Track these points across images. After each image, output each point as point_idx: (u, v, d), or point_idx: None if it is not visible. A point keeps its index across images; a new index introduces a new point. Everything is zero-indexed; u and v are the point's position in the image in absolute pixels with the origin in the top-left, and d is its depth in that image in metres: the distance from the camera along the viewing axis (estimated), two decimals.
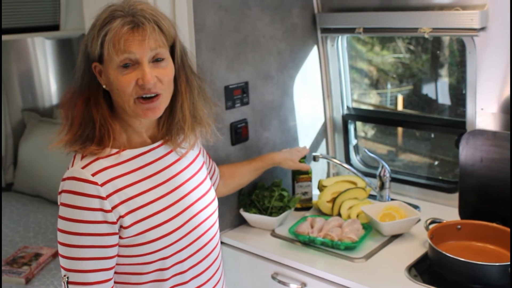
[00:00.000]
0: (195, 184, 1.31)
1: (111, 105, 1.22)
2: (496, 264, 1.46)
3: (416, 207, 2.00)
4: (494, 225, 1.65)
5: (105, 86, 1.19)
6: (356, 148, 2.35)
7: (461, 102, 2.09)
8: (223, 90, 1.85)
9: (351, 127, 2.32)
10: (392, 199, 2.05)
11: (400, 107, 2.71)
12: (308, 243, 1.75)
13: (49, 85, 3.34)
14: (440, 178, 2.17)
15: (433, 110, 2.52)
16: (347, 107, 2.30)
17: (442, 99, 2.45)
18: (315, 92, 2.25)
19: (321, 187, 2.08)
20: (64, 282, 1.15)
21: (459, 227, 1.69)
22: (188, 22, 1.70)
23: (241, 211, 1.90)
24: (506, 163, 1.69)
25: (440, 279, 1.52)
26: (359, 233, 1.73)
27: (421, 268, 1.60)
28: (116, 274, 1.21)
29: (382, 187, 2.05)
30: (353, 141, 2.33)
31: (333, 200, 1.98)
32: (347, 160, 2.34)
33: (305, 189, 2.05)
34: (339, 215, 1.94)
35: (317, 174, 2.26)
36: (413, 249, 1.70)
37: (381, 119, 2.38)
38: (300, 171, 2.02)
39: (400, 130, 2.64)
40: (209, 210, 1.33)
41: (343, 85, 2.27)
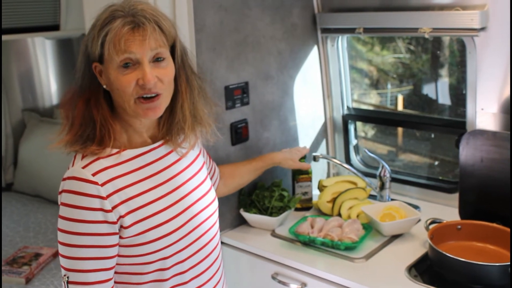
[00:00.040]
0: (195, 184, 1.31)
1: (112, 105, 1.22)
2: (496, 264, 1.46)
3: (416, 207, 2.00)
4: (494, 225, 1.65)
5: (105, 86, 1.19)
6: (356, 148, 2.35)
7: (461, 102, 2.09)
8: (223, 90, 1.85)
9: (351, 127, 2.32)
10: (392, 199, 2.05)
11: (400, 107, 2.71)
12: (308, 243, 1.75)
13: (49, 85, 3.34)
14: (440, 178, 2.17)
15: (433, 110, 2.52)
16: (347, 107, 2.30)
17: (442, 99, 2.45)
18: (315, 92, 2.25)
19: (321, 187, 2.08)
20: (64, 281, 1.15)
21: (459, 227, 1.69)
22: (188, 22, 1.70)
23: (241, 211, 1.90)
24: (506, 163, 1.69)
25: (440, 279, 1.52)
26: (359, 233, 1.73)
27: (421, 268, 1.60)
28: (116, 274, 1.21)
29: (382, 187, 2.05)
30: (353, 141, 2.33)
31: (333, 200, 1.98)
32: (347, 160, 2.34)
33: (305, 189, 2.05)
34: (339, 215, 1.94)
35: (317, 174, 2.26)
36: (413, 249, 1.70)
37: (381, 119, 2.38)
38: (301, 171, 2.02)
39: (400, 130, 2.64)
40: (210, 210, 1.33)
41: (343, 85, 2.27)
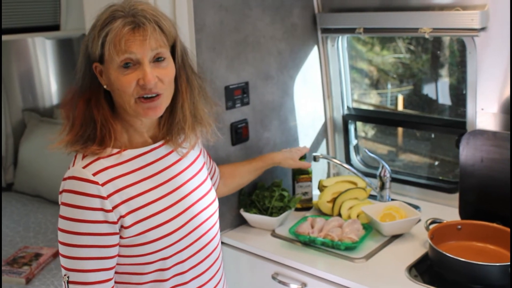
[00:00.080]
0: (196, 185, 1.31)
1: (112, 105, 1.22)
2: (496, 264, 1.46)
3: (416, 207, 2.00)
4: (494, 225, 1.65)
5: (106, 86, 1.19)
6: (357, 148, 2.35)
7: (462, 102, 2.09)
8: (223, 90, 1.85)
9: (352, 127, 2.32)
10: (392, 199, 2.05)
11: (400, 107, 2.71)
12: (308, 243, 1.75)
13: (50, 85, 3.34)
14: (441, 178, 2.17)
15: (433, 110, 2.52)
16: (348, 107, 2.30)
17: (443, 99, 2.46)
18: (316, 92, 2.25)
19: (321, 187, 2.08)
20: (65, 281, 1.15)
21: (459, 227, 1.69)
22: (188, 21, 1.70)
23: (242, 211, 1.90)
24: (506, 163, 1.69)
25: (440, 279, 1.52)
26: (359, 233, 1.73)
27: (422, 268, 1.60)
28: (116, 274, 1.21)
29: (382, 187, 2.05)
30: (353, 141, 2.33)
31: (334, 200, 1.98)
32: (348, 160, 2.34)
33: (305, 189, 2.05)
34: (339, 215, 1.94)
35: (318, 174, 2.26)
36: (414, 249, 1.70)
37: (381, 119, 2.38)
38: (301, 171, 2.02)
39: (400, 130, 2.64)
40: (210, 211, 1.33)
41: (343, 85, 2.27)
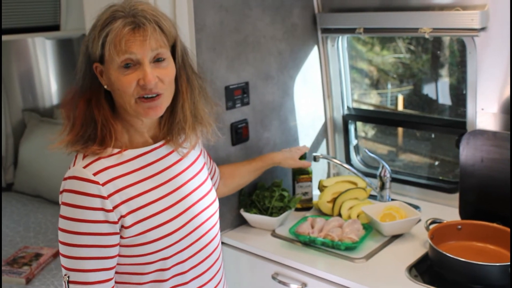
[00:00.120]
0: (196, 185, 1.31)
1: (113, 105, 1.22)
2: (497, 264, 1.46)
3: (416, 207, 2.00)
4: (494, 225, 1.65)
5: (106, 86, 1.19)
6: (357, 148, 2.35)
7: (462, 102, 2.09)
8: (223, 90, 1.85)
9: (352, 127, 2.32)
10: (392, 199, 2.05)
11: (400, 107, 2.71)
12: (308, 243, 1.75)
13: (50, 85, 3.34)
14: (441, 178, 2.17)
15: (433, 110, 2.52)
16: (348, 107, 2.30)
17: (443, 99, 2.46)
18: (316, 92, 2.25)
19: (321, 187, 2.08)
20: (65, 281, 1.15)
21: (459, 227, 1.69)
22: (188, 22, 1.70)
23: (242, 211, 1.90)
24: (507, 163, 1.69)
25: (440, 279, 1.52)
26: (359, 233, 1.73)
27: (422, 268, 1.60)
28: (116, 274, 1.21)
29: (382, 187, 2.05)
30: (353, 141, 2.33)
31: (334, 200, 1.98)
32: (348, 160, 2.34)
33: (305, 189, 2.05)
34: (339, 215, 1.94)
35: (318, 174, 2.26)
36: (414, 249, 1.70)
37: (381, 119, 2.38)
38: (301, 171, 2.02)
39: (400, 130, 2.64)
40: (210, 211, 1.33)
41: (343, 85, 2.27)
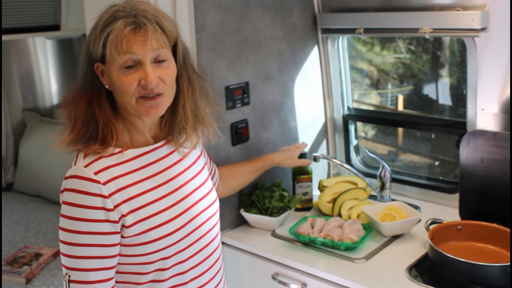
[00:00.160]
0: (197, 185, 1.31)
1: (114, 105, 1.22)
2: (497, 264, 1.46)
3: (416, 207, 2.00)
4: (494, 225, 1.65)
5: (107, 86, 1.19)
6: (357, 149, 2.35)
7: (462, 102, 2.09)
8: (223, 90, 1.85)
9: (352, 128, 2.32)
10: (392, 200, 2.05)
11: (400, 107, 2.71)
12: (308, 243, 1.75)
13: (50, 85, 3.34)
14: (441, 178, 2.17)
15: (433, 111, 2.52)
16: (348, 107, 2.30)
17: (443, 99, 2.46)
18: (316, 92, 2.25)
19: (321, 188, 2.08)
20: (66, 280, 1.15)
21: (459, 227, 1.69)
22: (188, 22, 1.70)
23: (242, 211, 1.90)
24: (507, 163, 1.69)
25: (440, 279, 1.53)
26: (359, 233, 1.73)
27: (422, 269, 1.60)
28: (117, 273, 1.21)
29: (382, 187, 2.05)
30: (353, 141, 2.33)
31: (334, 201, 1.98)
32: (348, 160, 2.34)
33: (305, 190, 2.05)
34: (339, 215, 1.94)
35: (318, 174, 2.26)
36: (414, 249, 1.70)
37: (381, 119, 2.38)
38: (301, 171, 2.02)
39: (400, 130, 2.64)
40: (211, 211, 1.33)
41: (343, 85, 2.27)
